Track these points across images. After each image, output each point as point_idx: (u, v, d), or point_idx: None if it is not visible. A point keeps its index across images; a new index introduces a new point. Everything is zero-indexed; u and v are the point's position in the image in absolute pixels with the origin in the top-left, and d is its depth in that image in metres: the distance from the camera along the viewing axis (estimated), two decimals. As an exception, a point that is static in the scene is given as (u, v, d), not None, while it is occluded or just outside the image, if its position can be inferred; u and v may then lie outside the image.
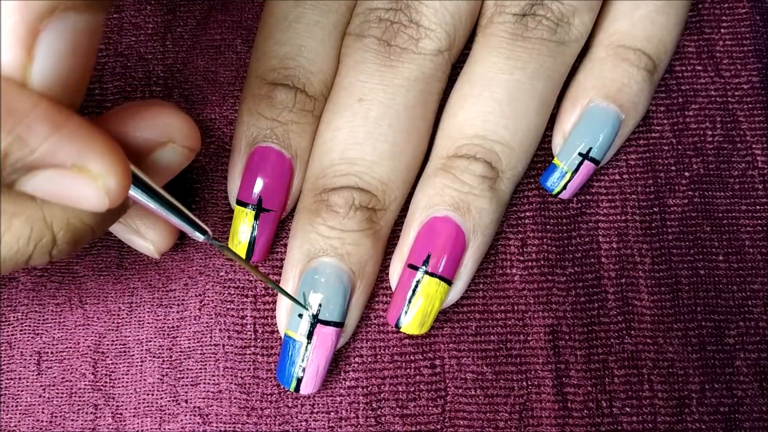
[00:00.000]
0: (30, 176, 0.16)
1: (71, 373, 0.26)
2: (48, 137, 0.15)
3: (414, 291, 0.24)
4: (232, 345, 0.26)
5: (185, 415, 0.26)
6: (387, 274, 0.26)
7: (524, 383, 0.26)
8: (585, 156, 0.25)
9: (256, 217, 0.24)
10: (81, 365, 0.26)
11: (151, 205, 0.19)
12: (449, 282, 0.24)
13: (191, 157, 0.21)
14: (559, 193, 0.26)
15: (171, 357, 0.26)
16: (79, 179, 0.16)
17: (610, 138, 0.25)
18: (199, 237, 0.20)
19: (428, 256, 0.24)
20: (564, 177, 0.25)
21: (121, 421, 0.26)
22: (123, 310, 0.27)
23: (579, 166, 0.25)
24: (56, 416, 0.26)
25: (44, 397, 0.26)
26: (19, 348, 0.27)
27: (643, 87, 0.25)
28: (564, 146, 0.25)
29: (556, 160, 0.26)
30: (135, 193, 0.18)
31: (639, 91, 0.25)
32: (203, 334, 0.26)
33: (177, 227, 0.20)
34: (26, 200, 0.17)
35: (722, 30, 0.28)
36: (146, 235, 0.25)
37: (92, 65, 0.17)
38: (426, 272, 0.24)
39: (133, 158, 0.19)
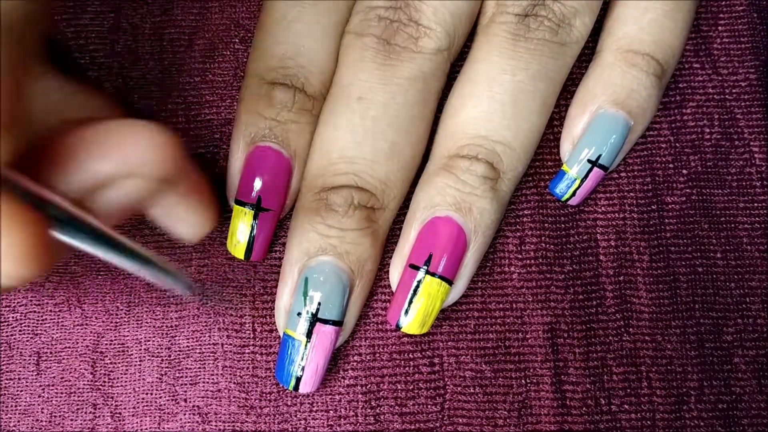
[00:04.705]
0: None
1: (70, 372, 0.26)
2: None
3: (415, 291, 0.24)
4: (230, 344, 0.26)
5: (184, 414, 0.26)
6: (385, 272, 0.26)
7: (523, 381, 0.26)
8: (594, 163, 0.25)
9: (254, 217, 0.24)
10: (80, 365, 0.26)
11: (114, 260, 0.16)
12: (450, 282, 0.24)
13: (165, 186, 0.17)
14: (568, 199, 0.26)
15: (170, 356, 0.26)
16: None
17: (619, 145, 0.25)
18: (184, 292, 0.17)
19: (430, 256, 0.24)
20: (573, 184, 0.25)
21: (120, 420, 0.26)
22: (121, 309, 0.27)
23: (588, 173, 0.25)
24: (55, 416, 0.26)
25: (43, 396, 0.26)
26: (18, 348, 0.26)
27: (651, 93, 0.25)
28: (573, 153, 0.25)
29: (565, 167, 0.25)
30: (95, 250, 0.16)
31: (648, 97, 0.25)
32: (202, 333, 0.26)
33: (154, 281, 0.17)
34: None
35: (719, 27, 0.28)
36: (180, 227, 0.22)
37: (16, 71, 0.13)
38: (427, 272, 0.24)
39: (89, 191, 0.16)
